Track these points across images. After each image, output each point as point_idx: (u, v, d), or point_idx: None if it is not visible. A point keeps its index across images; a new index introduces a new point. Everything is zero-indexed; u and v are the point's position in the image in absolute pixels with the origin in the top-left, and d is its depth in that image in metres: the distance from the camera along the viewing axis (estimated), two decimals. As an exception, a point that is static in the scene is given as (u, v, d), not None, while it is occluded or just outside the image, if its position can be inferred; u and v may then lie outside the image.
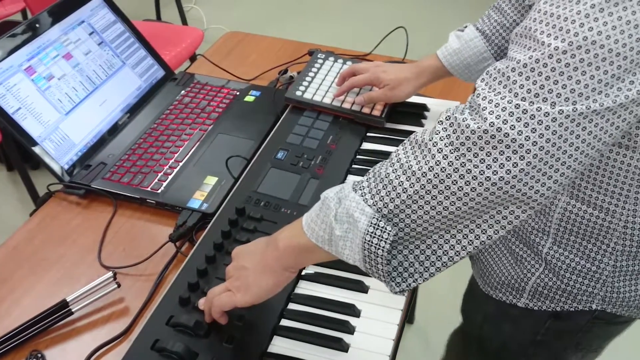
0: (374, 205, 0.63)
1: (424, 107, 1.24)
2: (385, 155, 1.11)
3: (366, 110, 1.18)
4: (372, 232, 0.62)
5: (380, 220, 0.62)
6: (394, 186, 0.62)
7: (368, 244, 0.62)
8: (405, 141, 0.65)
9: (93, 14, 1.26)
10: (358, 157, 1.11)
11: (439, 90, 1.35)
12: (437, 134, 0.60)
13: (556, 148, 0.56)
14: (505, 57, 1.08)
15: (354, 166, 1.09)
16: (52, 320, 0.86)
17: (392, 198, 0.62)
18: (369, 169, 1.06)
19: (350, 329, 0.82)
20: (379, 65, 1.17)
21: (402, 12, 3.63)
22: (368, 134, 1.17)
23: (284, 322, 0.83)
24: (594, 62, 0.54)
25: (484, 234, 0.62)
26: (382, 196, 0.63)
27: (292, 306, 0.86)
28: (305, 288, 0.88)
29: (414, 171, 0.61)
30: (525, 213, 0.60)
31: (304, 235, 0.69)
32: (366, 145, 1.14)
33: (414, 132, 1.14)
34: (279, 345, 0.81)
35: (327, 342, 0.80)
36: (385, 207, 0.63)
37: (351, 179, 1.06)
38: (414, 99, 1.27)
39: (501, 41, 1.07)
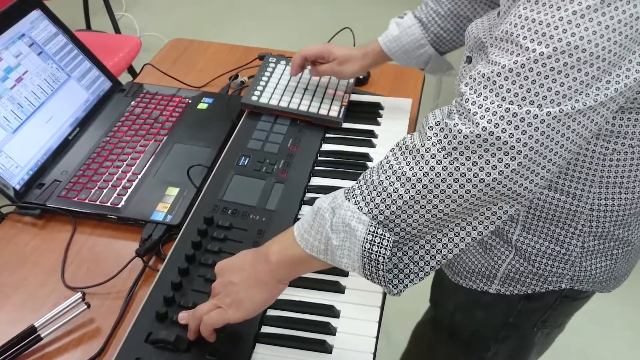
0: (369, 212, 0.64)
1: (378, 106, 1.26)
2: (347, 155, 1.12)
3: (323, 111, 1.19)
4: (371, 240, 0.63)
5: (377, 228, 0.63)
6: (389, 193, 0.63)
7: (368, 251, 0.63)
8: (393, 148, 0.66)
9: (33, 27, 1.21)
10: (320, 158, 1.12)
11: (388, 89, 1.38)
12: (428, 139, 0.61)
13: (544, 147, 0.59)
14: (439, 42, 1.11)
15: (316, 168, 1.10)
16: (21, 348, 0.82)
17: (388, 205, 0.63)
18: (332, 170, 1.09)
19: (332, 330, 0.82)
20: (328, 44, 1.20)
21: (340, 13, 3.66)
22: (327, 135, 1.18)
23: (265, 329, 0.83)
24: (577, 65, 0.57)
25: (474, 230, 0.64)
26: (377, 203, 0.64)
27: (271, 312, 0.85)
28: (283, 293, 0.87)
29: (408, 177, 0.62)
30: (513, 208, 0.62)
31: (298, 246, 0.69)
32: (326, 147, 1.15)
33: (372, 130, 1.18)
34: (262, 352, 0.80)
35: (311, 345, 0.81)
36: (381, 214, 0.64)
37: (316, 181, 1.07)
38: (368, 99, 1.29)
39: (437, 29, 1.10)
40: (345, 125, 1.20)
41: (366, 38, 1.23)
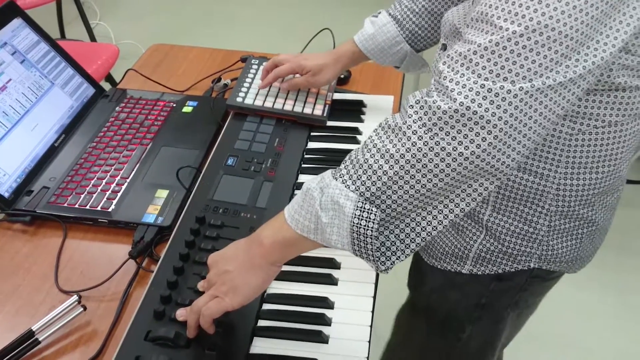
0: (357, 190, 0.67)
1: (361, 104, 1.29)
2: (333, 152, 1.15)
3: (308, 110, 1.21)
4: (359, 215, 0.66)
5: (365, 204, 0.66)
6: (374, 170, 0.66)
7: (356, 226, 0.66)
8: (376, 128, 0.69)
9: (15, 35, 1.21)
10: (306, 156, 1.14)
11: (369, 87, 1.40)
12: (409, 117, 0.64)
13: (518, 122, 0.62)
14: (414, 39, 1.13)
15: (304, 165, 1.12)
16: (20, 352, 0.83)
17: (374, 181, 0.66)
18: (319, 167, 1.11)
19: (327, 321, 0.84)
20: (299, 55, 1.22)
21: (318, 14, 3.68)
22: (312, 134, 1.20)
23: (262, 323, 0.85)
24: (547, 43, 0.60)
25: (457, 207, 0.67)
26: (363, 181, 0.67)
27: (266, 306, 0.87)
28: (277, 287, 0.89)
29: (391, 154, 0.65)
30: (493, 184, 0.65)
31: (289, 228, 0.72)
32: (312, 145, 1.17)
33: (357, 127, 1.20)
34: (260, 345, 0.82)
35: (307, 335, 0.82)
36: (367, 191, 0.67)
37: (304, 178, 1.09)
38: (351, 97, 1.31)
39: (412, 26, 1.13)
40: (330, 123, 1.22)
41: (346, 38, 1.26)
